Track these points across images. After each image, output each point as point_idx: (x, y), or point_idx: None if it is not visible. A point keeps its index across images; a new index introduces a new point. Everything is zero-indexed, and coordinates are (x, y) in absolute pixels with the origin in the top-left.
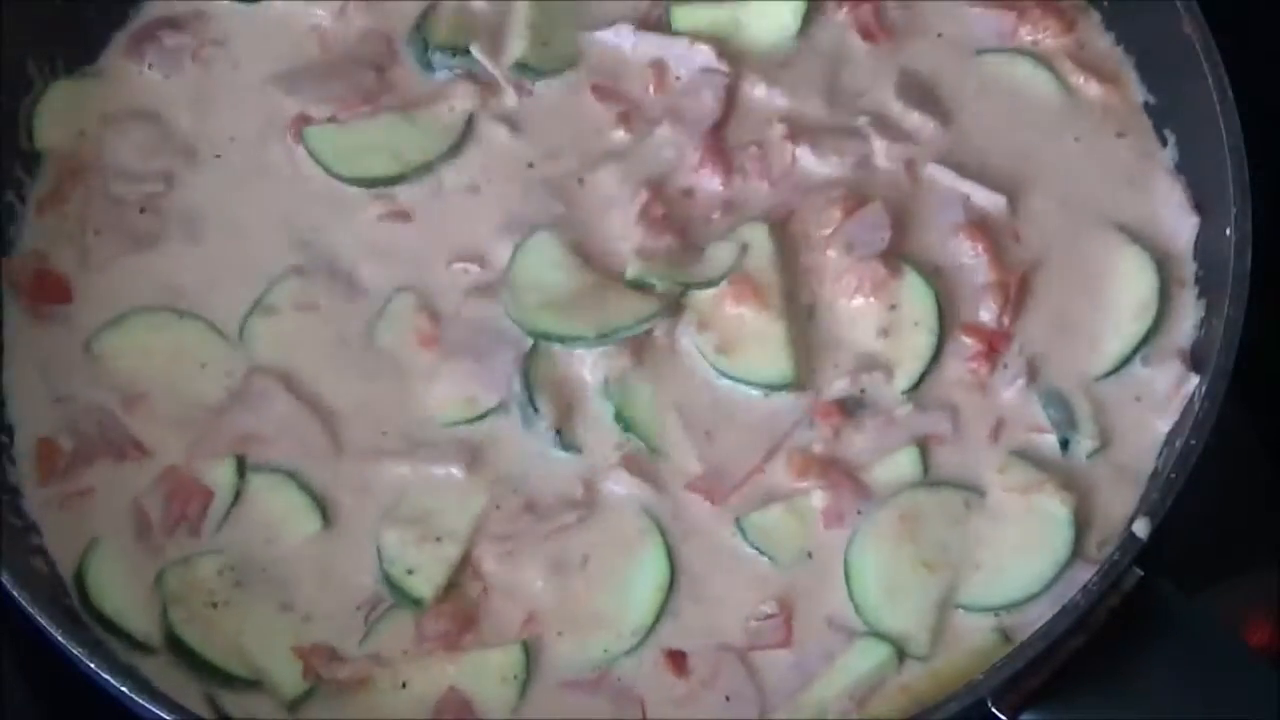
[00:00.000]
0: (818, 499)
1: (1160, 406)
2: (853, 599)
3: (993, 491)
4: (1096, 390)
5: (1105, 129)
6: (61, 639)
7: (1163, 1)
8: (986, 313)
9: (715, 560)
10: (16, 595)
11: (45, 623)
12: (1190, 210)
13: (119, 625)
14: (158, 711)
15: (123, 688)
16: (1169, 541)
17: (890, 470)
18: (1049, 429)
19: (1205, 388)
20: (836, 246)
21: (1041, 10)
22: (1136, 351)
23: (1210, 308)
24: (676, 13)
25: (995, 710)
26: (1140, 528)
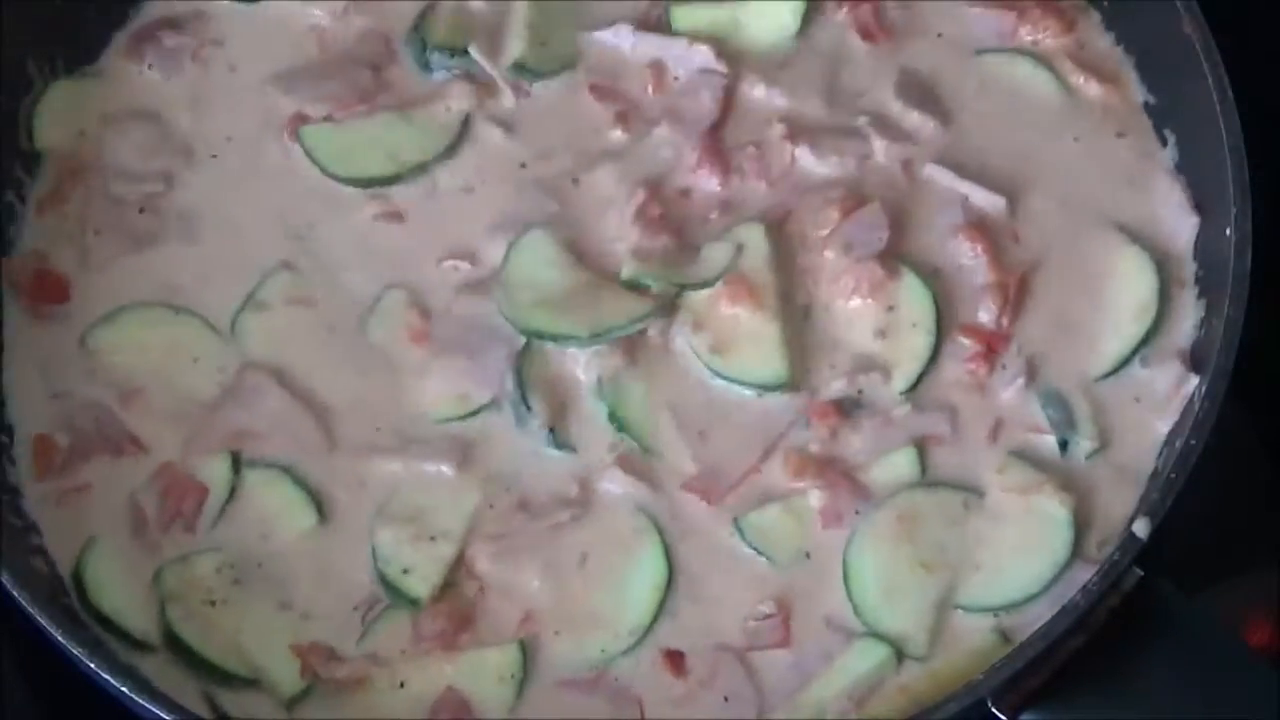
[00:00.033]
0: (815, 499)
1: (1160, 407)
2: (851, 599)
3: (991, 492)
4: (1096, 391)
5: (1105, 129)
6: (61, 639)
7: (1163, 1)
8: (985, 314)
9: (713, 560)
10: (16, 595)
11: (45, 623)
12: (1190, 210)
13: (117, 623)
14: (158, 711)
15: (123, 688)
16: (1169, 541)
17: (888, 471)
18: (1048, 430)
19: (1205, 388)
20: (834, 247)
21: (1041, 10)
22: (1136, 352)
23: (1210, 308)
24: (676, 13)
25: (995, 710)
26: (1140, 528)
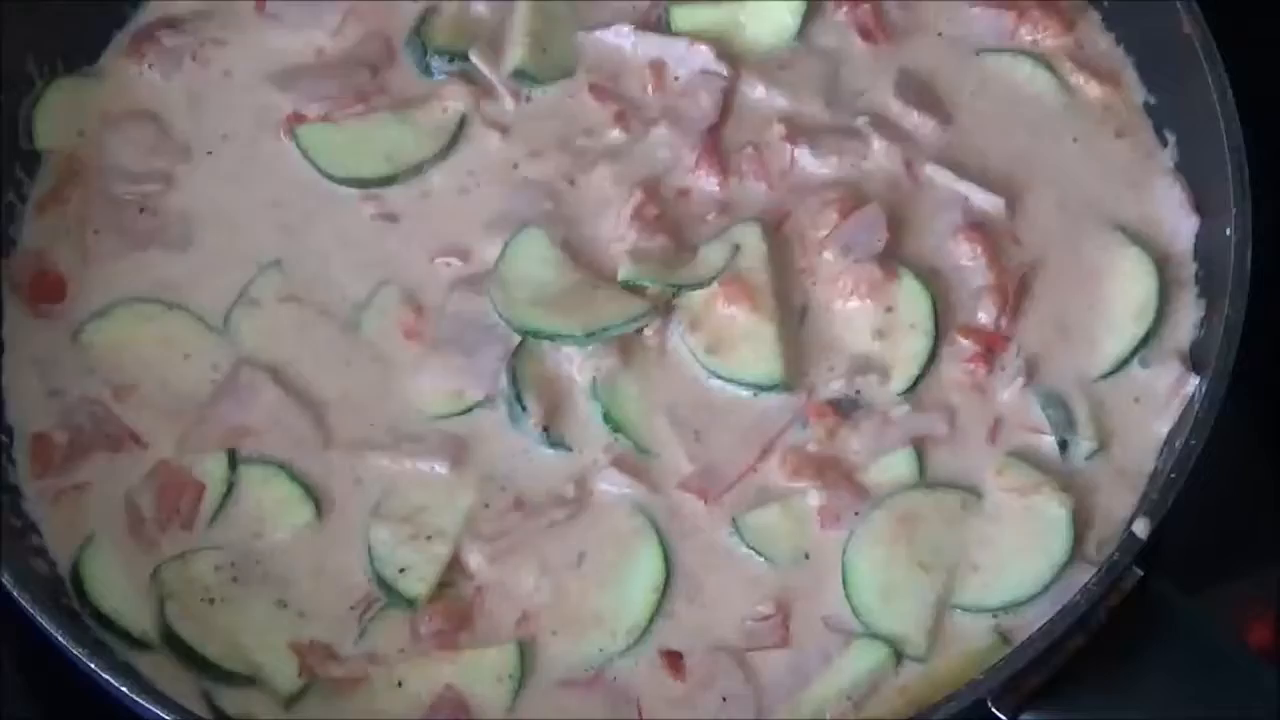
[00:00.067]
0: (814, 499)
1: (1160, 407)
2: (850, 600)
3: (990, 493)
4: (1095, 391)
5: (1105, 129)
6: (61, 639)
7: (1163, 1)
8: (985, 315)
9: (711, 560)
10: (16, 595)
11: (45, 623)
12: (1190, 210)
13: (115, 621)
14: (158, 712)
15: (123, 688)
16: (1169, 541)
17: (886, 471)
18: (1047, 430)
19: (1205, 388)
20: (833, 248)
21: (1041, 10)
22: (1136, 352)
23: (1210, 308)
24: (676, 13)
25: (995, 710)
26: (1140, 528)
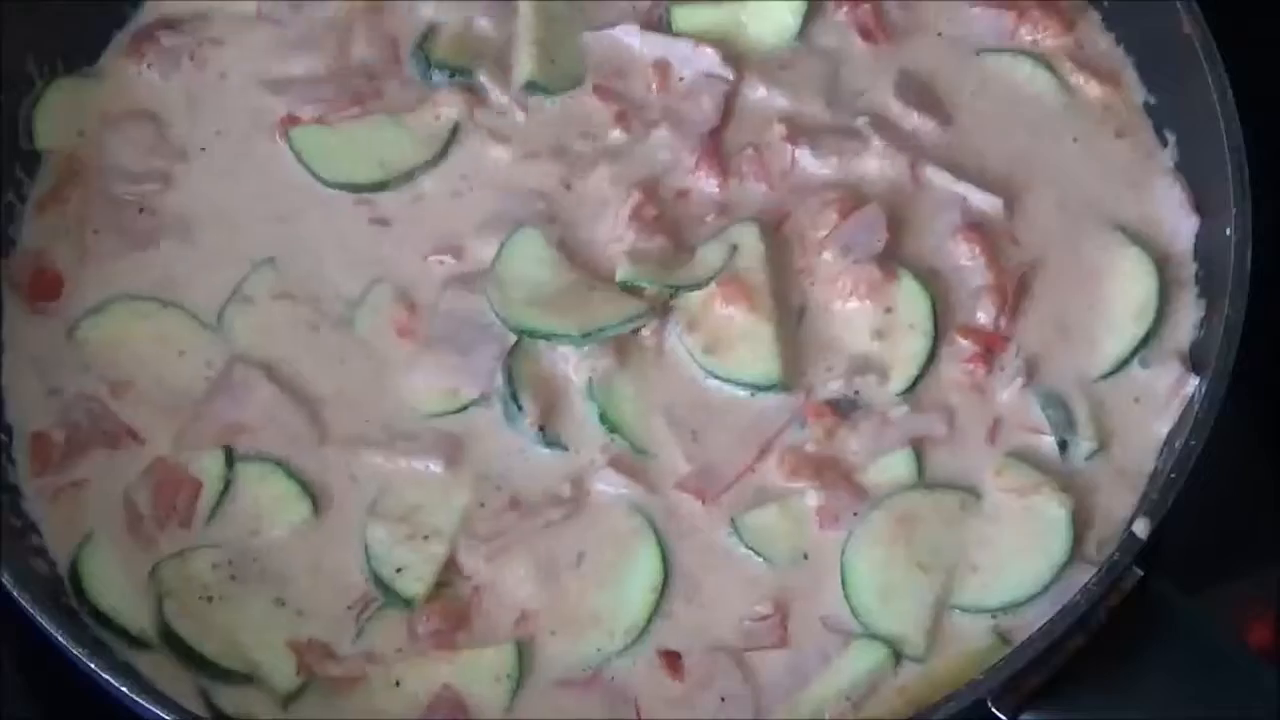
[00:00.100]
0: (812, 499)
1: (1159, 408)
2: (848, 600)
3: (990, 493)
4: (1095, 391)
5: (1105, 129)
6: (61, 639)
7: (1163, 1)
8: (984, 315)
9: (710, 560)
10: (16, 595)
11: (45, 623)
12: (1190, 210)
13: (114, 620)
14: (158, 712)
15: (123, 688)
16: (1169, 541)
17: (885, 472)
18: (1047, 431)
19: (1205, 388)
20: (832, 249)
21: (1041, 10)
22: (1136, 352)
23: (1210, 308)
24: (676, 13)
25: (995, 710)
26: (1140, 528)
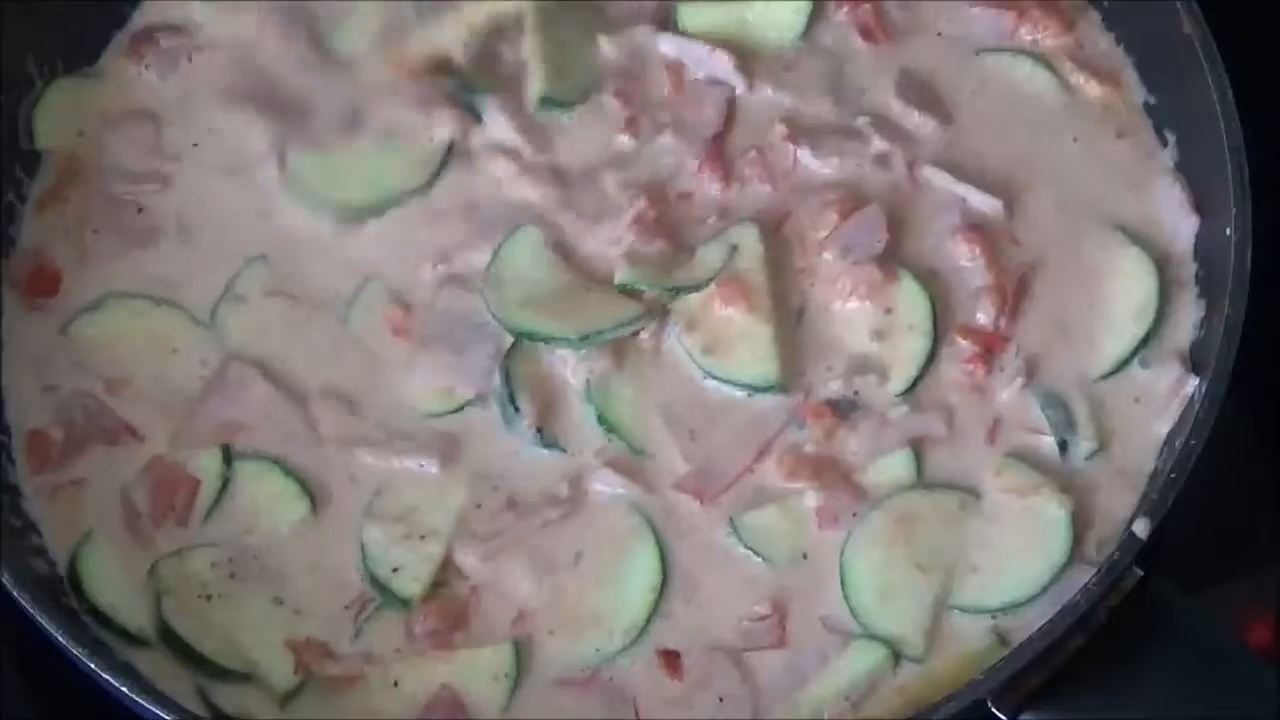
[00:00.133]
0: (812, 500)
1: (1159, 408)
2: (848, 601)
3: (989, 494)
4: (1095, 391)
5: (1105, 129)
6: (61, 639)
7: (1163, 1)
8: (984, 315)
9: (708, 560)
10: (16, 595)
11: (45, 623)
12: (1190, 210)
13: (112, 618)
14: (158, 712)
15: (123, 688)
16: (1169, 541)
17: (884, 472)
18: (1047, 431)
19: (1205, 388)
20: (832, 249)
21: (1041, 10)
22: (1136, 353)
23: (1210, 308)
24: (683, 11)
25: (995, 710)
26: (1140, 528)
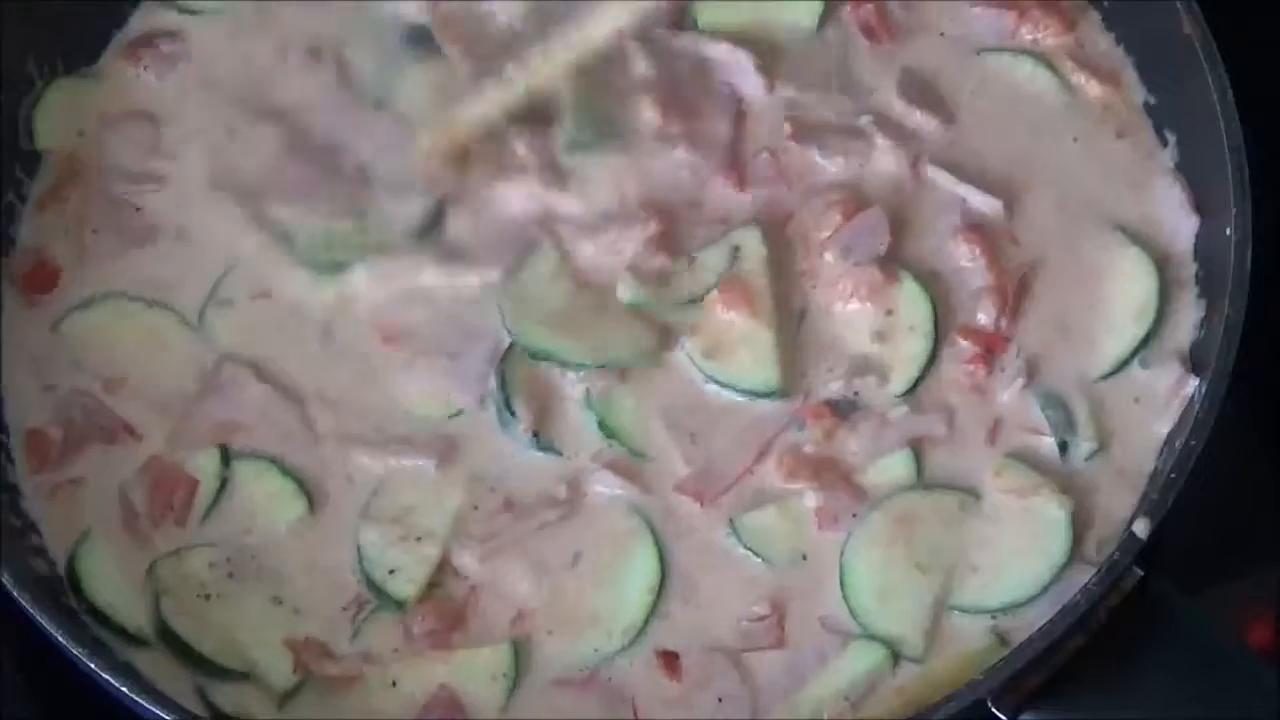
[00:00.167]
0: (811, 500)
1: (1159, 408)
2: (847, 601)
3: (989, 494)
4: (1095, 392)
5: (1105, 129)
6: (61, 639)
7: (1163, 1)
8: (984, 316)
9: (707, 561)
10: (16, 595)
11: (45, 623)
12: (1190, 210)
13: (111, 617)
14: (158, 712)
15: (123, 688)
16: (1169, 541)
17: (884, 473)
18: (1047, 432)
19: (1205, 388)
20: (834, 251)
21: (1042, 10)
22: (1136, 353)
23: (1210, 308)
24: (699, 10)
25: (995, 710)
26: (1140, 528)
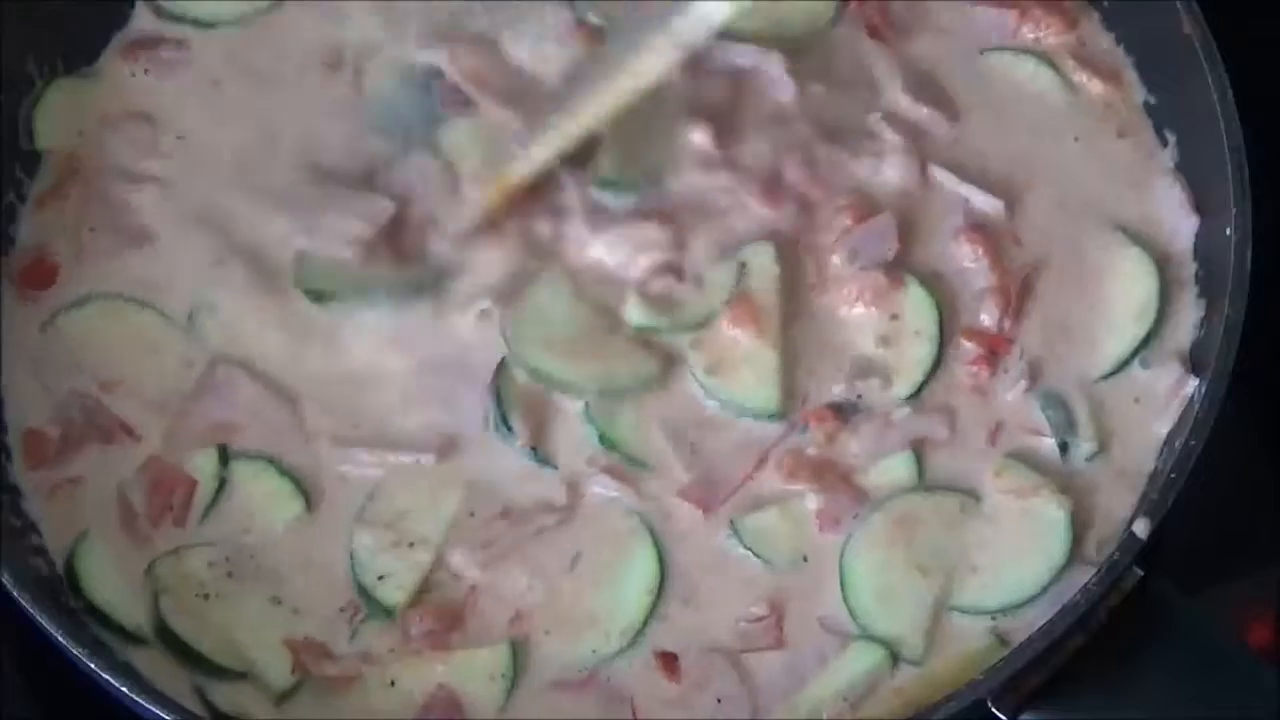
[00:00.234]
0: (812, 502)
1: (1159, 408)
2: (847, 602)
3: (989, 495)
4: (1096, 392)
5: (1106, 129)
6: (61, 639)
7: (1163, 1)
8: (988, 317)
9: (706, 561)
10: (16, 595)
11: (45, 623)
12: (1190, 210)
13: (109, 616)
14: (158, 712)
15: (123, 688)
16: (1169, 541)
17: (885, 474)
18: (1048, 433)
19: (1205, 388)
20: (841, 254)
21: (1043, 9)
22: (1136, 353)
23: (1210, 308)
24: None
25: (995, 710)
26: (1140, 528)
